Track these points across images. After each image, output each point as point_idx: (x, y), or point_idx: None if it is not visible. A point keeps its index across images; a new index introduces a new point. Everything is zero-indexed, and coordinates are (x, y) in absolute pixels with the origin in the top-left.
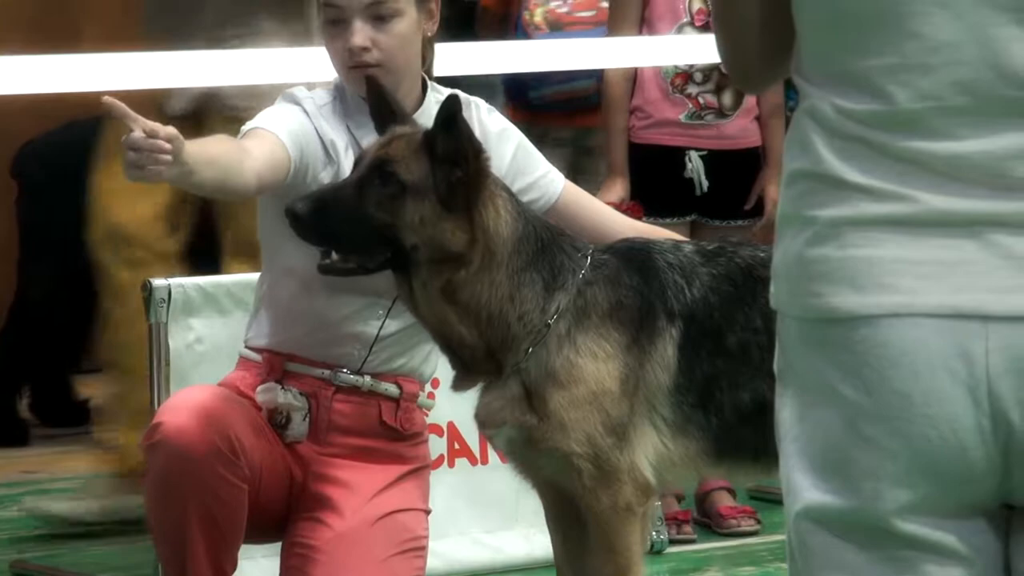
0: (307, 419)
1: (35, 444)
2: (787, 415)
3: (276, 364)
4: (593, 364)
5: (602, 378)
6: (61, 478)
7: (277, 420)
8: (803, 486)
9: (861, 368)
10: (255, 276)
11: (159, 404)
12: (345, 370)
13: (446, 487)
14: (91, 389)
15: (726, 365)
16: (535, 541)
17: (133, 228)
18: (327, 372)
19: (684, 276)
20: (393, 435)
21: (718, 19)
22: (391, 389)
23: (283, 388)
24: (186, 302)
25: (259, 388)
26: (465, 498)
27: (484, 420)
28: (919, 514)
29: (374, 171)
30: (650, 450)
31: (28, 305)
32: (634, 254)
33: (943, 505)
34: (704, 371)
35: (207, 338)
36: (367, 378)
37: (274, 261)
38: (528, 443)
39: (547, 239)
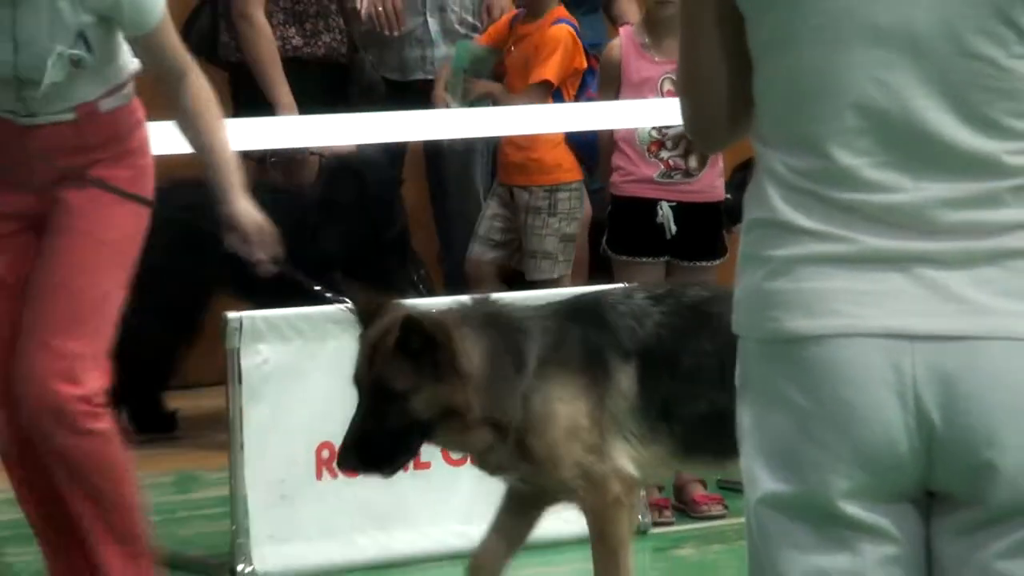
0: None
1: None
2: (747, 421)
3: None
4: (563, 408)
5: (572, 416)
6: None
7: None
8: (761, 477)
9: (810, 379)
10: (309, 310)
11: (235, 416)
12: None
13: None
14: (178, 402)
15: (683, 385)
16: None
17: None
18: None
19: (636, 319)
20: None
21: (685, 89)
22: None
23: None
24: (255, 331)
25: None
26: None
27: (492, 472)
28: (858, 499)
29: (378, 396)
30: (624, 456)
31: (128, 334)
32: (582, 309)
33: (877, 491)
34: (663, 392)
35: (272, 359)
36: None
37: None
38: (530, 482)
39: (502, 329)
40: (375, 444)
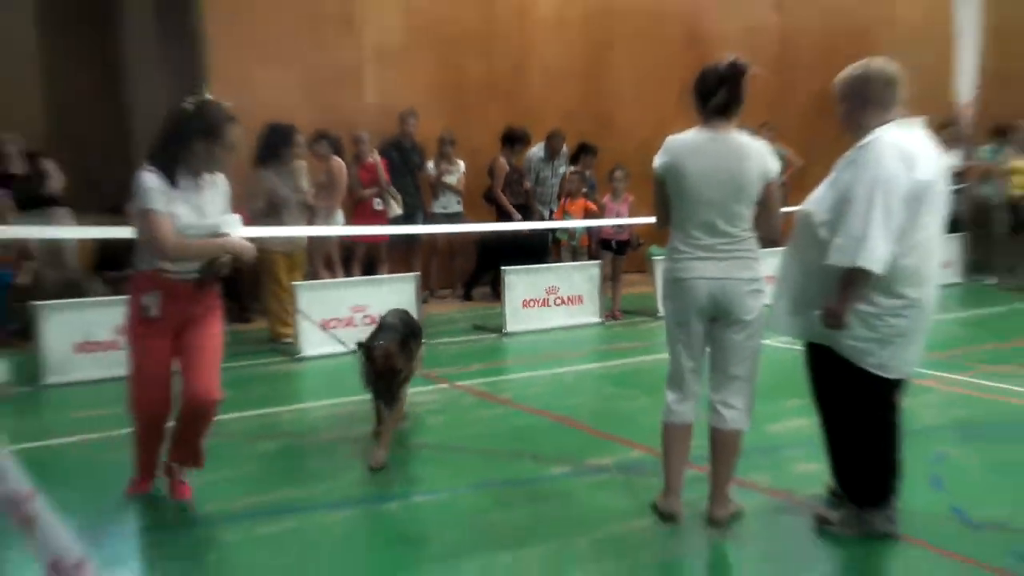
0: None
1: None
2: (669, 305)
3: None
4: None
5: None
6: None
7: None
8: (669, 313)
9: (682, 291)
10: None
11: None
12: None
13: None
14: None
15: None
16: None
17: None
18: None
19: None
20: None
21: (657, 217)
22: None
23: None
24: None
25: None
26: None
27: None
28: (695, 320)
29: (390, 372)
30: None
31: (486, 250)
32: None
33: (700, 318)
34: None
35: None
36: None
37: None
38: None
39: None
40: (394, 376)
